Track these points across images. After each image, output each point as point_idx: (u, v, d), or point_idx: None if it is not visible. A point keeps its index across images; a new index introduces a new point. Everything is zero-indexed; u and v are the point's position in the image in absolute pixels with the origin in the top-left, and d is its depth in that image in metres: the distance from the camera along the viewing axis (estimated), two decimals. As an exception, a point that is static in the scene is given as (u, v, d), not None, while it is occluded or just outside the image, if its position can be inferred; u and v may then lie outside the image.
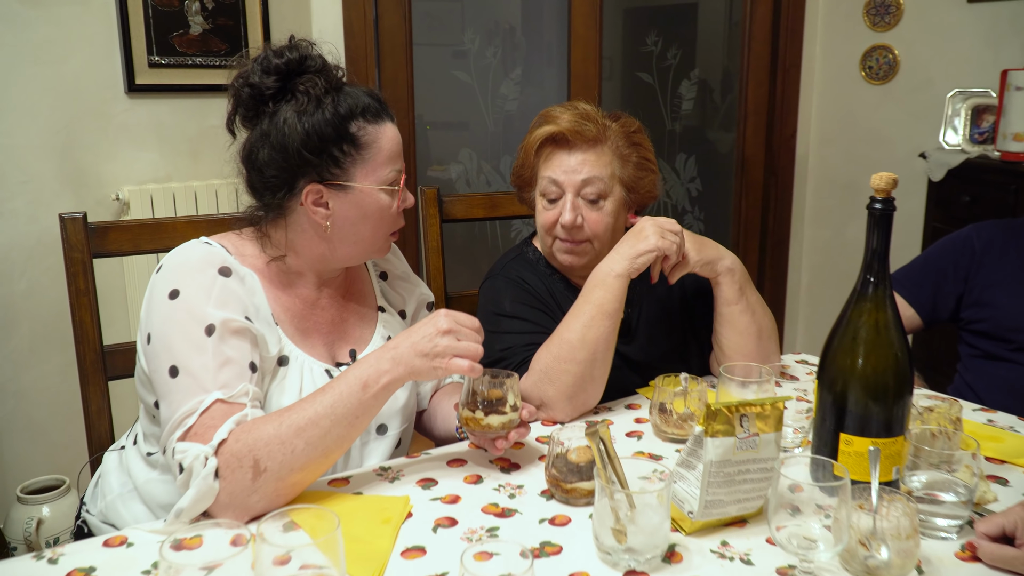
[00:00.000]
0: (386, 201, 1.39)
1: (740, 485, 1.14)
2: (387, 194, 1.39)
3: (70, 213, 1.59)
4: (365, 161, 1.36)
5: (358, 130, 1.35)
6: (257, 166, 1.36)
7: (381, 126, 1.38)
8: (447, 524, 1.17)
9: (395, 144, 1.40)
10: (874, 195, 1.17)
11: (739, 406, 1.12)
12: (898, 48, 3.61)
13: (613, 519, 1.05)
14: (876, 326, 1.19)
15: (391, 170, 1.39)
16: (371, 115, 1.37)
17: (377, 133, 1.37)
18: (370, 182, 1.37)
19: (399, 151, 1.41)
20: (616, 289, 1.53)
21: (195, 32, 2.79)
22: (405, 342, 1.25)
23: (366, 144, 1.36)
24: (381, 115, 1.39)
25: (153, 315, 1.29)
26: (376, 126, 1.37)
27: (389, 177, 1.39)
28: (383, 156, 1.38)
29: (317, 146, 1.32)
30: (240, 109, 1.37)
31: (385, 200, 1.39)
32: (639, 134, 1.71)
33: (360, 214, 1.38)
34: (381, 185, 1.38)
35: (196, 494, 1.12)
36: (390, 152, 1.39)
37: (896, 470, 1.19)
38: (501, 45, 3.63)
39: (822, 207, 4.04)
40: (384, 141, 1.38)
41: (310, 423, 1.18)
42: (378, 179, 1.38)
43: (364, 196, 1.37)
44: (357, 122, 1.35)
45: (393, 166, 1.39)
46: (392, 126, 1.41)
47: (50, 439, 2.71)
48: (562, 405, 1.51)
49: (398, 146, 1.41)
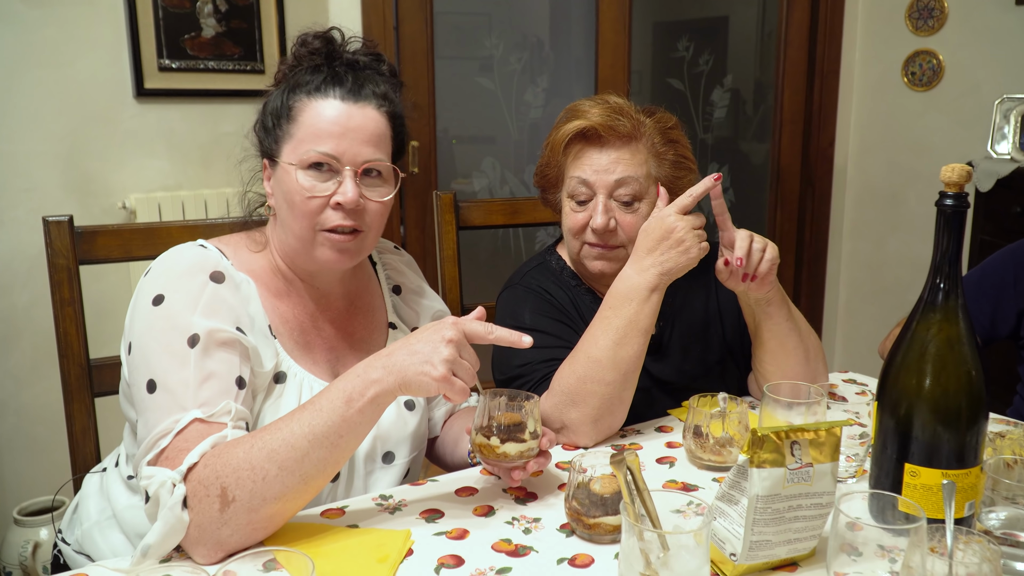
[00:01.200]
0: (305, 184, 1.21)
1: (791, 523, 0.98)
2: (304, 176, 1.21)
3: (54, 216, 1.47)
4: (290, 136, 1.24)
5: (294, 102, 1.25)
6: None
7: (317, 100, 1.23)
8: (452, 563, 1.02)
9: (325, 121, 1.22)
10: (944, 189, 1.02)
11: (789, 432, 0.96)
12: (942, 53, 3.46)
13: (643, 563, 0.89)
14: (947, 341, 1.04)
15: (310, 149, 1.21)
16: (314, 88, 1.24)
17: (308, 105, 1.23)
18: (290, 159, 1.23)
19: (336, 132, 1.21)
20: (654, 303, 1.38)
21: (207, 35, 2.69)
22: (402, 349, 1.09)
23: (293, 117, 1.24)
24: (326, 89, 1.23)
25: (135, 322, 1.17)
26: (313, 99, 1.23)
27: (308, 156, 1.21)
28: (306, 131, 1.22)
29: (264, 121, 1.29)
30: None
31: (303, 182, 1.21)
32: (676, 130, 1.56)
33: (283, 195, 1.25)
34: (296, 163, 1.22)
35: (164, 527, 0.98)
36: (315, 128, 1.21)
37: (970, 506, 1.04)
38: (527, 50, 3.51)
39: (862, 219, 3.88)
40: (310, 115, 1.22)
41: (285, 445, 1.03)
42: (296, 157, 1.22)
43: (283, 174, 1.24)
44: (296, 94, 1.25)
45: (316, 145, 1.21)
46: (337, 103, 1.23)
47: (52, 458, 2.59)
48: (586, 429, 1.36)
49: (334, 126, 1.21)
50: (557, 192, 1.59)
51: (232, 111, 2.78)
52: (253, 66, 2.79)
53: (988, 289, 1.88)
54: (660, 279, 1.38)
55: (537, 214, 1.97)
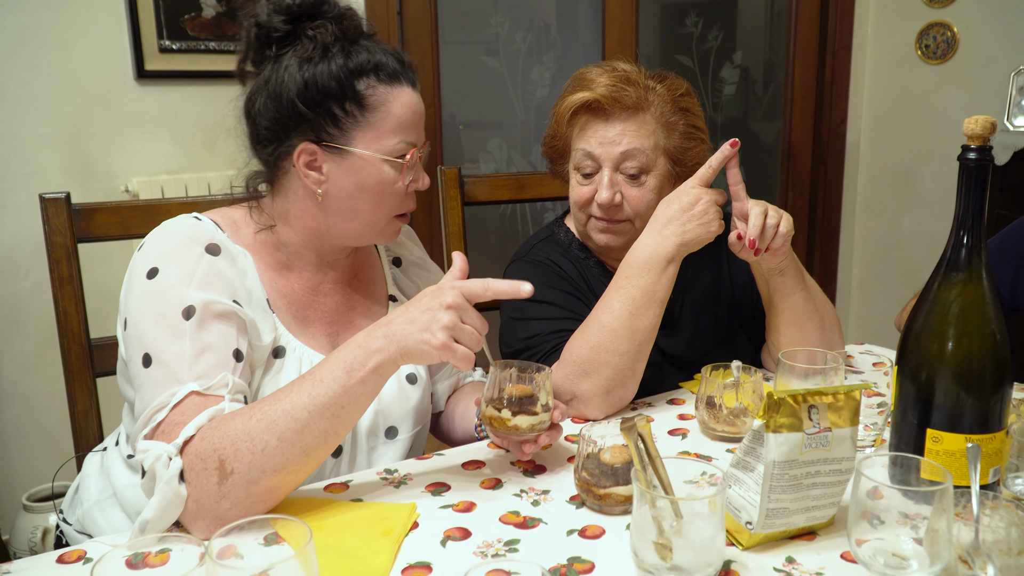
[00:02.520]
0: (389, 175, 1.21)
1: (809, 491, 0.94)
2: (392, 167, 1.21)
3: (51, 193, 1.45)
4: (370, 125, 1.19)
5: (366, 88, 1.18)
6: (252, 116, 1.23)
7: (396, 89, 1.21)
8: (458, 536, 0.99)
9: (410, 112, 1.22)
10: (967, 143, 0.97)
11: (807, 395, 0.93)
12: (957, 25, 3.39)
13: (656, 531, 0.86)
14: (971, 301, 0.99)
15: (400, 141, 1.21)
16: (386, 75, 1.20)
17: (389, 95, 1.20)
18: (373, 150, 1.19)
19: (416, 122, 1.23)
20: (671, 274, 1.35)
21: (208, 15, 2.65)
22: (401, 317, 1.06)
23: (373, 106, 1.19)
24: (399, 77, 1.21)
25: (130, 296, 1.14)
26: (389, 88, 1.20)
27: (396, 148, 1.21)
28: (392, 122, 1.20)
29: (315, 99, 1.17)
30: (249, 53, 1.23)
31: (389, 174, 1.21)
32: (687, 97, 1.51)
33: (357, 185, 1.20)
34: (385, 155, 1.20)
35: (161, 502, 0.95)
36: (401, 120, 1.21)
37: (995, 471, 1.00)
38: (532, 30, 3.46)
39: (875, 197, 3.82)
40: (396, 106, 1.20)
41: (285, 416, 1.00)
42: (382, 148, 1.20)
43: (363, 164, 1.20)
44: (367, 79, 1.18)
45: (403, 137, 1.21)
46: (411, 92, 1.23)
47: (58, 445, 2.57)
48: (598, 401, 1.33)
49: (415, 116, 1.23)
50: (564, 163, 1.55)
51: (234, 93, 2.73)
52: (255, 47, 2.75)
53: (1011, 257, 1.83)
54: (679, 249, 1.34)
55: (544, 189, 1.93)
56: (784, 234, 1.36)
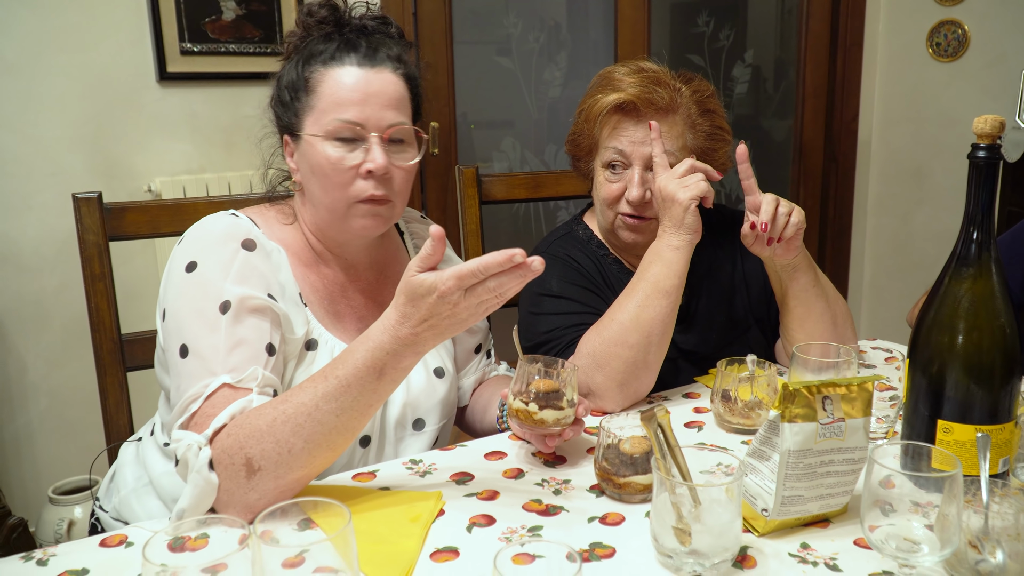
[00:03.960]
0: (332, 155, 1.20)
1: (823, 479, 0.98)
2: (332, 147, 1.20)
3: (84, 193, 1.49)
4: (312, 108, 1.23)
5: (311, 73, 1.23)
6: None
7: (333, 68, 1.22)
8: (483, 523, 1.03)
9: (349, 90, 1.20)
10: (977, 141, 1.00)
11: (821, 386, 0.96)
12: (968, 23, 3.40)
13: (675, 517, 0.90)
14: (981, 295, 1.02)
15: (334, 119, 1.20)
16: (328, 57, 1.23)
17: (325, 75, 1.22)
18: (313, 131, 1.22)
19: (357, 99, 1.20)
20: (675, 263, 1.38)
21: (228, 18, 2.70)
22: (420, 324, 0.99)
23: (312, 88, 1.23)
24: (341, 57, 1.22)
25: (169, 289, 1.18)
26: (329, 68, 1.22)
27: (333, 127, 1.20)
28: (327, 101, 1.21)
29: (280, 95, 1.28)
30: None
31: (331, 154, 1.20)
32: (712, 99, 1.55)
33: (309, 169, 1.24)
34: (322, 134, 1.21)
35: (195, 491, 0.99)
36: (336, 97, 1.20)
37: (1004, 462, 1.03)
38: (544, 30, 3.49)
39: (887, 194, 3.83)
40: (329, 84, 1.21)
41: (310, 418, 1.00)
42: (321, 128, 1.21)
43: (308, 147, 1.23)
44: (312, 65, 1.24)
45: (338, 114, 1.20)
46: (355, 69, 1.21)
47: (83, 439, 2.63)
48: (612, 394, 1.36)
49: (354, 93, 1.20)
50: (590, 161, 1.59)
51: (253, 93, 2.78)
52: (273, 48, 2.79)
53: (1019, 255, 1.85)
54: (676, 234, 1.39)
55: (560, 188, 1.97)
56: (796, 224, 1.40)
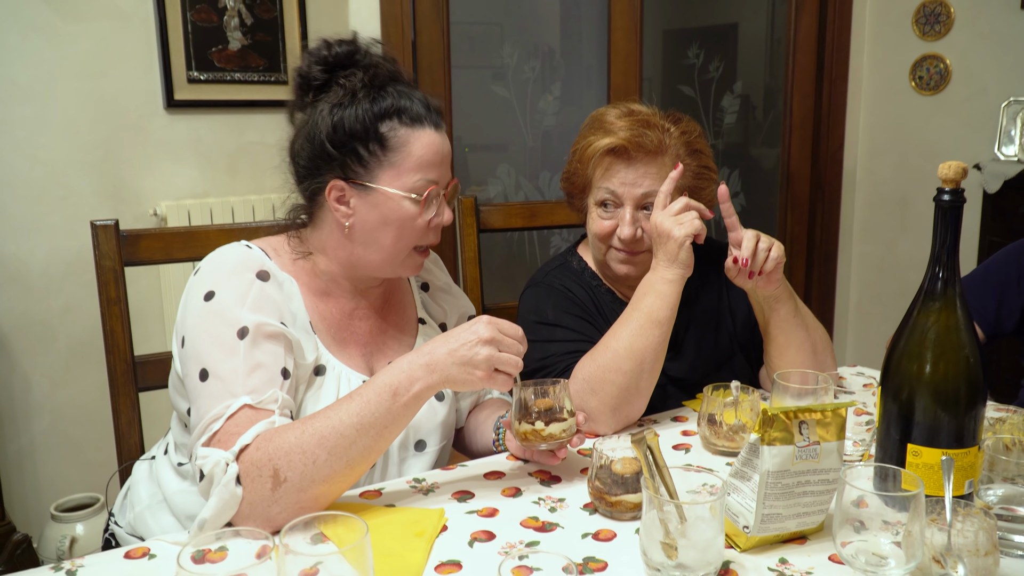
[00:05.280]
0: (411, 210, 1.31)
1: (799, 498, 1.05)
2: (412, 203, 1.31)
3: (102, 220, 1.56)
4: (392, 164, 1.30)
5: (389, 130, 1.29)
6: (293, 155, 1.36)
7: (417, 131, 1.31)
8: (484, 538, 1.10)
9: (431, 152, 1.32)
10: (942, 185, 1.09)
11: (798, 412, 1.04)
12: (949, 57, 3.52)
13: (663, 532, 0.97)
14: (946, 328, 1.10)
15: (420, 178, 1.31)
16: (408, 117, 1.31)
17: (409, 137, 1.30)
18: (394, 187, 1.30)
19: (438, 161, 1.33)
20: (668, 295, 1.46)
21: (234, 48, 2.79)
22: (442, 348, 1.18)
23: (394, 147, 1.30)
24: (422, 120, 1.32)
25: (188, 317, 1.25)
26: (411, 130, 1.31)
27: (417, 185, 1.31)
28: (412, 162, 1.31)
29: (342, 141, 1.29)
30: (294, 99, 1.37)
31: (410, 209, 1.31)
32: (700, 140, 1.63)
33: (380, 219, 1.31)
34: (405, 192, 1.31)
35: (219, 503, 1.06)
36: (421, 159, 1.31)
37: (969, 483, 1.10)
38: (540, 59, 3.59)
39: (872, 221, 3.94)
40: (416, 147, 1.31)
41: (334, 432, 1.11)
42: (403, 185, 1.30)
43: (386, 200, 1.30)
44: (390, 122, 1.30)
45: (424, 175, 1.31)
46: (433, 133, 1.33)
47: (85, 457, 2.69)
48: (605, 417, 1.44)
49: (437, 156, 1.33)
50: (584, 198, 1.67)
51: (257, 120, 2.87)
52: (277, 77, 2.89)
53: (993, 286, 1.94)
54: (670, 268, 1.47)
55: (554, 217, 2.05)
56: (775, 258, 1.48)
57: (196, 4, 2.70)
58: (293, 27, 2.88)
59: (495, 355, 1.17)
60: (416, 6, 3.13)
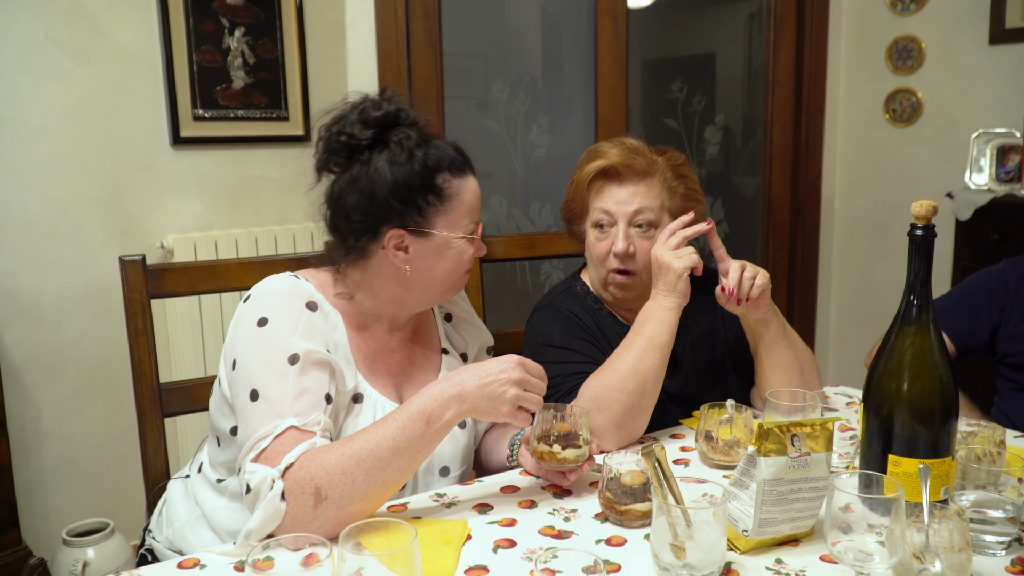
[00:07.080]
0: (464, 249, 1.45)
1: (793, 504, 1.16)
2: (466, 242, 1.45)
3: (130, 256, 1.64)
4: (448, 212, 1.43)
5: (443, 182, 1.41)
6: (344, 210, 1.42)
7: (464, 180, 1.45)
8: (507, 545, 1.20)
9: (475, 197, 1.47)
10: (915, 222, 1.21)
11: (790, 425, 1.15)
12: (921, 91, 3.65)
13: (671, 535, 1.07)
14: (921, 350, 1.22)
15: (470, 221, 1.46)
16: (456, 168, 1.43)
17: (460, 186, 1.44)
18: (451, 231, 1.43)
19: (478, 203, 1.48)
20: (667, 321, 1.58)
21: (237, 86, 2.90)
22: (472, 380, 1.28)
23: (449, 196, 1.42)
24: (465, 169, 1.45)
25: (239, 341, 1.35)
26: (460, 179, 1.44)
27: (468, 227, 1.45)
28: (464, 208, 1.44)
29: (404, 195, 1.39)
30: (333, 156, 1.43)
31: (464, 248, 1.45)
32: (685, 167, 1.78)
33: (438, 260, 1.44)
34: (461, 234, 1.44)
35: (264, 515, 1.16)
36: (471, 204, 1.46)
37: (944, 490, 1.21)
38: (529, 93, 3.72)
39: (850, 248, 4.05)
40: (466, 194, 1.45)
41: (372, 455, 1.21)
42: (458, 228, 1.44)
43: (444, 243, 1.43)
44: (443, 175, 1.41)
45: (472, 217, 1.46)
46: (473, 180, 1.47)
47: (95, 484, 2.76)
48: (610, 434, 1.54)
49: (477, 199, 1.47)
50: (582, 223, 1.79)
51: (259, 156, 2.98)
52: (278, 114, 3.00)
53: (965, 306, 2.04)
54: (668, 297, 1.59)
55: (552, 247, 2.16)
56: (760, 285, 1.61)
57: (201, 45, 2.81)
58: (294, 66, 3.00)
59: (521, 394, 1.29)
60: (411, 43, 3.25)
